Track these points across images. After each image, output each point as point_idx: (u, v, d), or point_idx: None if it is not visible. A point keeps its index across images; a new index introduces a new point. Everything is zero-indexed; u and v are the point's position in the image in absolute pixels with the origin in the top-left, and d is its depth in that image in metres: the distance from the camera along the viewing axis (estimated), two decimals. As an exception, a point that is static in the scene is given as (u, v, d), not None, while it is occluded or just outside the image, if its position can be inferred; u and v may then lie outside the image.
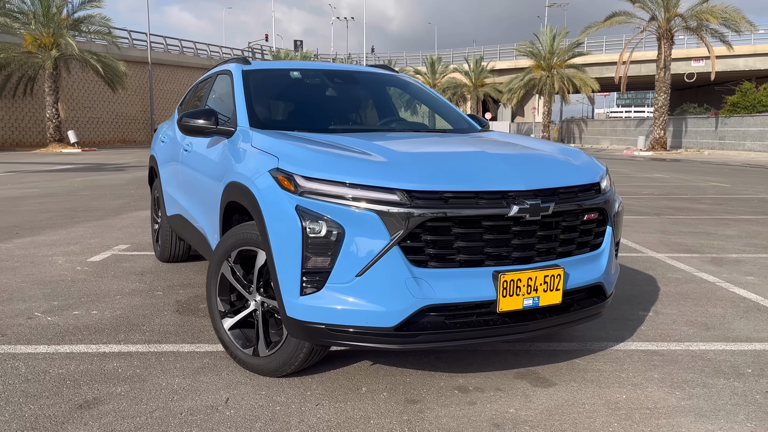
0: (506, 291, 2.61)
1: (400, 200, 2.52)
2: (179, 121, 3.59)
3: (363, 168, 2.64)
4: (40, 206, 9.29)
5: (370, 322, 2.55)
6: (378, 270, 2.52)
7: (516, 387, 2.97)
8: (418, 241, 2.55)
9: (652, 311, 4.20)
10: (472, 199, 2.60)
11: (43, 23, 29.35)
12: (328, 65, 4.56)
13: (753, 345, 3.56)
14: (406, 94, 4.56)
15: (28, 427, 2.52)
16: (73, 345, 3.45)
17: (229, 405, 2.74)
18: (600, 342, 3.59)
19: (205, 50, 48.64)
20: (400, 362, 3.23)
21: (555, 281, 2.71)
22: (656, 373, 3.15)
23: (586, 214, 2.89)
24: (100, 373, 3.06)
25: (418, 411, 2.70)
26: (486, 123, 4.47)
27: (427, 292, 2.54)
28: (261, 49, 58.27)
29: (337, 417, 2.64)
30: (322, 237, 2.55)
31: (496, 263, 2.65)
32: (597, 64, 50.97)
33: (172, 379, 3.01)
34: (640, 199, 10.92)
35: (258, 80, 3.97)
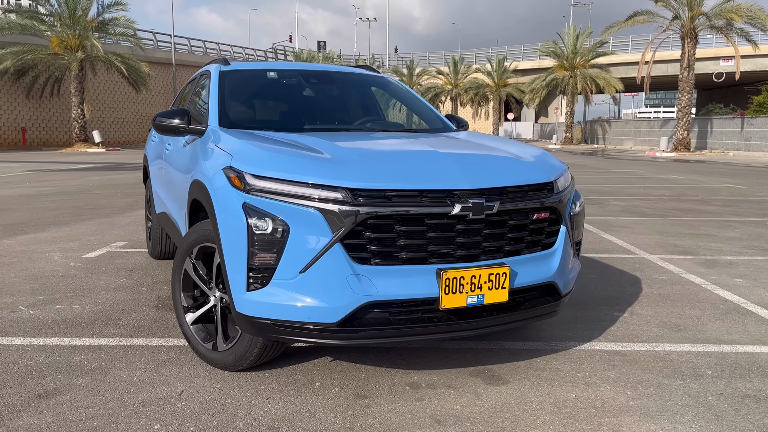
0: (449, 288, 2.64)
1: (343, 198, 2.56)
2: (153, 121, 3.69)
3: (310, 166, 2.70)
4: (51, 204, 9.53)
5: (313, 318, 2.60)
6: (320, 267, 2.57)
7: (468, 384, 2.99)
8: (361, 238, 2.59)
9: (627, 312, 4.18)
10: (416, 197, 2.64)
11: (69, 25, 29.99)
12: (307, 65, 4.63)
13: (720, 347, 3.53)
14: (387, 94, 4.60)
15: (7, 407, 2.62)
16: (47, 338, 3.56)
17: (182, 397, 2.81)
18: (565, 342, 3.59)
19: (229, 51, 49.17)
20: (360, 359, 3.28)
21: (501, 279, 2.73)
22: (613, 373, 3.14)
23: (536, 213, 2.90)
24: (66, 365, 3.16)
25: (365, 406, 2.75)
26: (465, 123, 4.49)
27: (369, 289, 2.58)
28: (284, 50, 58.72)
29: (283, 411, 2.69)
30: (267, 234, 2.61)
31: (440, 261, 2.69)
32: (622, 64, 50.37)
33: (133, 371, 3.10)
34: (647, 201, 10.80)
35: (234, 81, 4.05)
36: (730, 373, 3.16)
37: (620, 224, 8.03)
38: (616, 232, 7.37)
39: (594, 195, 11.63)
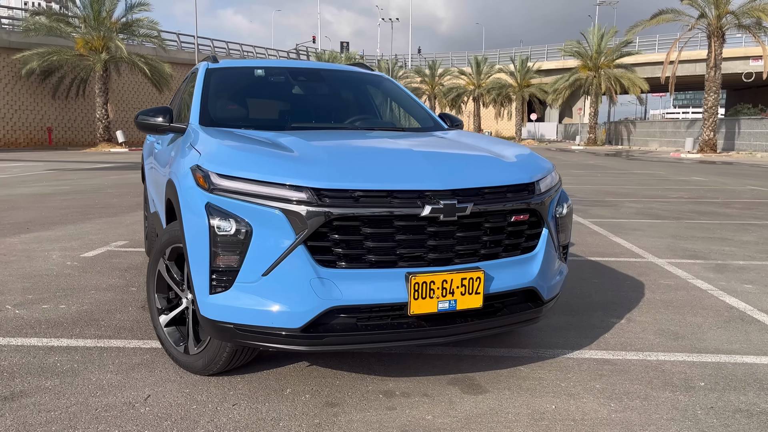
0: (418, 293, 2.53)
1: (307, 199, 2.47)
2: (135, 119, 3.63)
3: (276, 166, 2.60)
4: (63, 203, 9.61)
5: (276, 323, 2.51)
6: (283, 270, 2.48)
7: (444, 393, 2.87)
8: (326, 240, 2.49)
9: (624, 319, 4.02)
10: (384, 198, 2.53)
11: (93, 27, 30.42)
12: (296, 63, 4.54)
13: (718, 357, 3.36)
14: (379, 92, 4.50)
15: (-53, 416, 2.58)
16: (26, 338, 3.52)
17: (148, 402, 2.74)
18: (554, 349, 3.45)
19: (251, 52, 49.47)
20: (337, 364, 3.18)
21: (474, 284, 2.61)
22: (599, 384, 3.00)
23: (514, 215, 2.77)
24: (38, 367, 3.12)
25: (333, 415, 2.65)
26: (459, 122, 4.37)
27: (334, 294, 2.48)
28: (306, 51, 58.92)
29: (247, 418, 2.61)
30: (230, 235, 2.52)
31: (410, 264, 2.57)
32: (648, 64, 49.57)
33: (104, 374, 3.04)
34: (665, 203, 10.52)
35: (219, 78, 3.98)
36: (725, 385, 3.00)
37: (632, 227, 7.82)
38: (626, 235, 7.16)
39: (610, 197, 11.38)
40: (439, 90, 57.23)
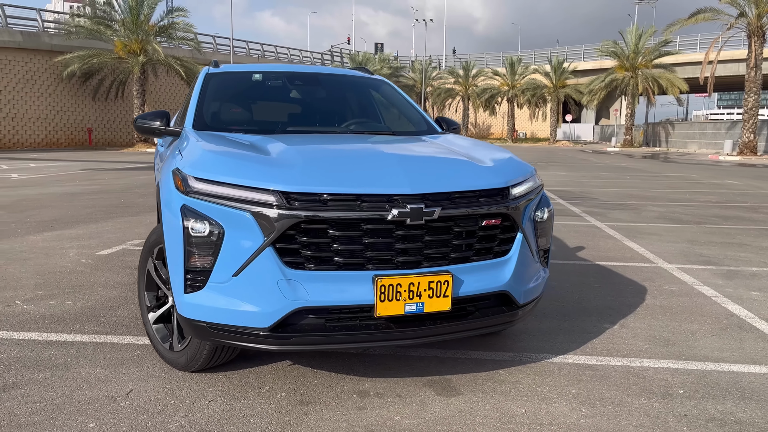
0: (384, 296, 2.57)
1: (276, 202, 2.53)
2: (134, 122, 3.76)
3: (249, 170, 2.68)
4: (90, 202, 9.91)
5: (246, 322, 2.58)
6: (252, 271, 2.55)
7: (418, 394, 2.91)
8: (294, 242, 2.56)
9: (618, 324, 3.98)
10: (352, 201, 2.58)
11: (132, 30, 31.20)
12: (296, 67, 4.62)
13: (705, 365, 3.31)
14: (378, 96, 4.54)
15: (-60, 405, 2.73)
16: (28, 332, 3.68)
17: (129, 396, 2.85)
18: (538, 353, 3.45)
19: (286, 54, 50.02)
20: (319, 364, 3.24)
21: (442, 287, 2.64)
22: (575, 389, 2.99)
23: (485, 219, 2.79)
24: (34, 360, 3.26)
25: (304, 413, 2.71)
26: (456, 126, 4.39)
27: (301, 295, 2.54)
28: (340, 53, 59.29)
29: (221, 414, 2.69)
30: (204, 236, 2.61)
31: (377, 267, 2.62)
32: (689, 64, 48.48)
33: (93, 369, 3.16)
34: (689, 207, 10.31)
35: (217, 83, 4.09)
36: (704, 393, 2.96)
37: (649, 231, 7.69)
38: (640, 240, 7.06)
39: (633, 200, 11.20)
40: (472, 91, 56.94)
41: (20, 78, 31.45)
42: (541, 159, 27.09)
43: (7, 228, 7.33)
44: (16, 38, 30.75)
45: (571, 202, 10.72)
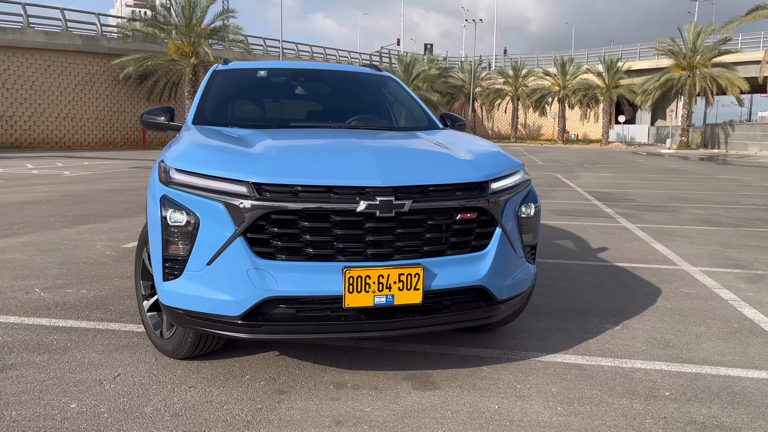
0: (353, 287, 2.59)
1: (247, 192, 2.59)
2: (141, 117, 3.89)
3: (225, 161, 2.74)
4: (129, 198, 10.26)
5: (218, 310, 2.64)
6: (224, 260, 2.61)
7: (394, 387, 2.91)
8: (264, 233, 2.60)
9: (620, 325, 3.88)
10: (323, 193, 2.61)
11: (184, 33, 32.11)
12: (302, 64, 4.68)
13: (700, 368, 3.20)
14: (383, 92, 4.56)
15: (-60, 382, 2.89)
16: (38, 318, 3.85)
17: (116, 380, 2.95)
18: (528, 351, 3.40)
19: (334, 55, 50.49)
20: (304, 356, 3.28)
21: (413, 280, 2.64)
22: (557, 387, 2.94)
23: (460, 213, 2.77)
24: (36, 344, 3.41)
25: (277, 401, 2.75)
26: (460, 122, 4.36)
27: (270, 284, 2.59)
28: (389, 53, 59.47)
29: (197, 400, 2.75)
30: (181, 226, 2.68)
31: (348, 259, 2.64)
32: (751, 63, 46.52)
33: (89, 353, 3.29)
34: (732, 210, 9.92)
35: (223, 80, 4.19)
36: (691, 396, 2.86)
37: (681, 233, 7.45)
38: (669, 242, 6.84)
39: (674, 202, 10.85)
40: (522, 91, 56.19)
41: (79, 80, 32.79)
42: (587, 160, 26.53)
43: (46, 221, 7.67)
44: (76, 41, 32.08)
45: (606, 204, 10.47)
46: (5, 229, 7.03)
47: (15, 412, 2.60)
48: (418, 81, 52.34)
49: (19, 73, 30.28)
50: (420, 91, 52.58)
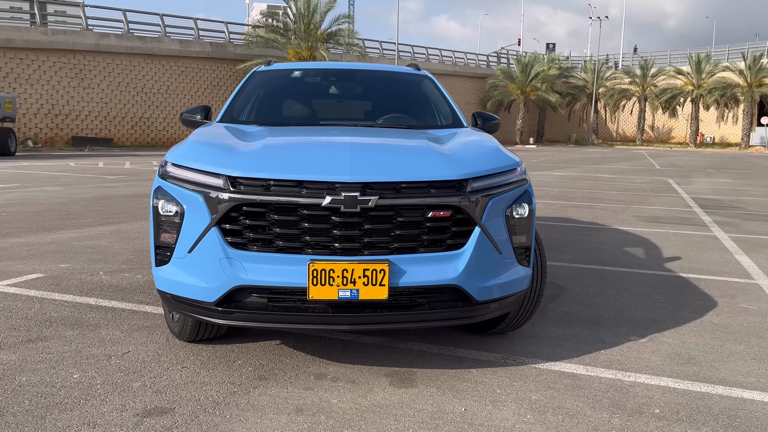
0: (317, 280, 2.64)
1: (222, 185, 2.72)
2: (180, 116, 4.18)
3: (210, 156, 2.90)
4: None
5: (197, 296, 2.80)
6: (201, 249, 2.77)
7: (371, 382, 2.93)
8: (237, 224, 2.73)
9: (647, 338, 3.63)
10: (294, 187, 2.69)
11: (302, 38, 33.53)
12: (339, 65, 4.77)
13: (713, 388, 2.94)
14: (417, 91, 4.55)
15: (-19, 347, 3.28)
16: (87, 297, 4.24)
17: (123, 357, 3.20)
18: (527, 357, 3.28)
19: (450, 56, 50.45)
20: (302, 347, 3.38)
21: (378, 276, 2.65)
22: (538, 395, 2.82)
23: (432, 210, 2.73)
24: (74, 320, 3.77)
25: (253, 387, 2.87)
26: (492, 120, 4.25)
27: (240, 273, 2.70)
28: (507, 54, 58.45)
29: (183, 380, 2.93)
30: (170, 216, 2.87)
31: (316, 252, 2.70)
32: None
33: (114, 331, 3.58)
34: None
35: (258, 80, 4.39)
36: (683, 416, 2.64)
37: (777, 245, 6.76)
38: (757, 254, 6.24)
39: (789, 211, 9.83)
40: (650, 91, 53.09)
41: (208, 84, 35.19)
42: (713, 165, 24.64)
43: (134, 211, 8.36)
44: (206, 48, 34.48)
45: (708, 211, 9.70)
46: (105, 218, 7.75)
47: (25, 378, 2.91)
48: (536, 81, 51.07)
49: (156, 78, 33.03)
50: (538, 92, 51.27)
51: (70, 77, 29.84)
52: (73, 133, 29.84)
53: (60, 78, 29.52)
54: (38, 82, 28.81)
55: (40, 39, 28.64)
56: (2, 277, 4.70)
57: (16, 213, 8.03)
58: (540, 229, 7.55)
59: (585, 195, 12.01)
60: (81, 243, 6.11)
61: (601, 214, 9.14)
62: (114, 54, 31.04)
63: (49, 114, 29.33)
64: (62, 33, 29.83)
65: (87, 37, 30.21)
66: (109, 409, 2.62)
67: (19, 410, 2.59)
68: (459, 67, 50.85)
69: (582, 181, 15.49)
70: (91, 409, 2.62)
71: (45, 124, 29.26)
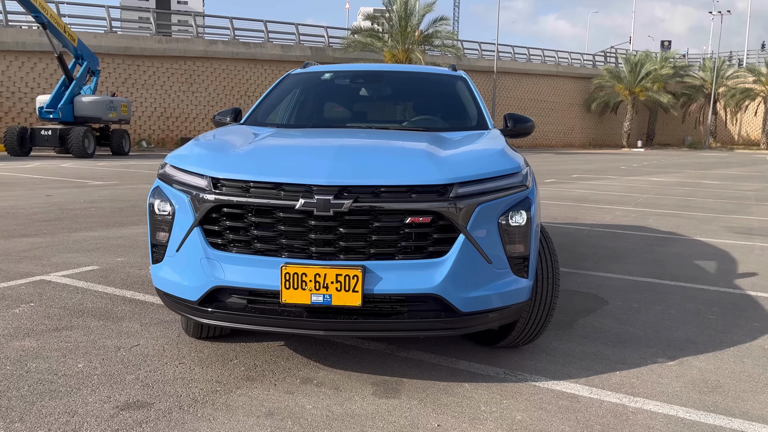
0: (290, 283, 2.61)
1: (205, 186, 2.76)
2: (213, 118, 4.30)
3: (203, 158, 2.95)
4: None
5: (182, 294, 2.85)
6: (186, 248, 2.81)
7: (354, 390, 2.86)
8: (218, 225, 2.75)
9: (676, 361, 3.31)
10: (272, 189, 2.67)
11: (398, 41, 33.76)
12: (369, 66, 4.71)
13: (729, 421, 2.62)
14: (448, 92, 4.42)
15: (21, 334, 3.51)
16: (125, 290, 4.46)
17: (131, 350, 3.33)
18: (532, 374, 3.08)
19: (553, 57, 48.93)
20: (302, 349, 3.36)
21: (351, 282, 2.57)
22: (523, 416, 2.64)
23: (411, 216, 2.62)
24: (103, 311, 3.96)
25: (237, 387, 2.88)
26: (524, 122, 4.02)
27: (218, 274, 2.72)
28: (615, 52, 55.89)
29: (173, 376, 2.99)
30: (164, 215, 2.95)
31: (292, 255, 2.66)
32: None
33: (133, 324, 3.73)
34: None
35: (289, 82, 4.43)
36: (680, 451, 2.37)
37: None
38: None
39: None
40: (775, 91, 48.91)
41: (308, 87, 36.24)
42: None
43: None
44: (306, 53, 35.51)
45: (812, 222, 8.76)
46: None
47: (34, 365, 3.09)
48: (646, 81, 48.49)
49: (259, 82, 34.42)
50: (649, 93, 48.65)
51: (181, 82, 31.76)
52: (182, 134, 31.72)
53: (172, 83, 31.48)
54: (153, 86, 30.89)
55: (155, 47, 30.69)
56: (62, 268, 5.05)
57: (102, 209, 8.62)
58: (607, 237, 7.15)
59: (675, 203, 11.22)
60: (146, 239, 6.45)
61: (684, 224, 8.49)
62: (220, 59, 32.70)
63: (161, 116, 31.36)
64: (175, 41, 31.83)
65: (197, 44, 32.03)
66: (95, 400, 2.72)
67: (16, 395, 2.75)
68: (562, 68, 49.21)
69: (679, 188, 14.50)
70: (78, 398, 2.73)
71: (158, 125, 31.31)
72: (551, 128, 49.52)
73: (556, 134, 50.14)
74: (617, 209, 9.93)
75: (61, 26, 21.25)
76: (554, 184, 14.42)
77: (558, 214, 9.14)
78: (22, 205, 8.72)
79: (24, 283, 4.58)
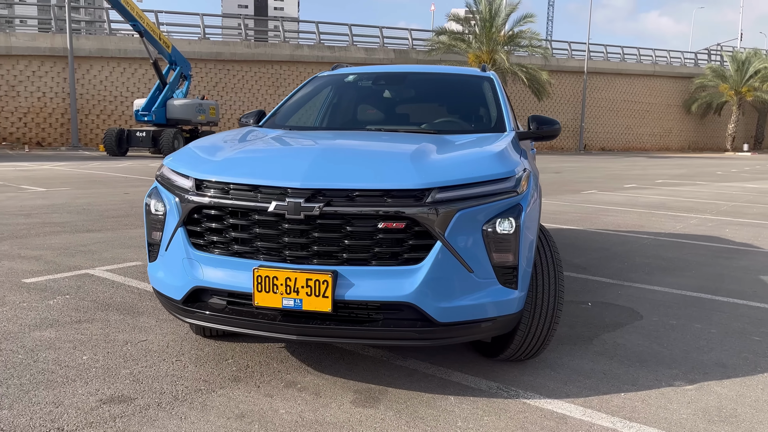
0: (261, 286, 2.59)
1: (188, 187, 2.79)
2: (239, 120, 4.38)
3: (194, 160, 2.98)
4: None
5: (168, 293, 2.90)
6: (172, 247, 2.86)
7: (333, 397, 2.81)
8: (199, 226, 2.77)
9: (695, 385, 3.03)
10: (250, 192, 2.66)
11: (482, 42, 33.28)
12: (398, 68, 4.61)
13: (729, 457, 2.36)
14: (473, 93, 4.26)
15: (45, 324, 3.71)
16: (152, 285, 4.61)
17: (137, 345, 3.43)
18: (526, 391, 2.91)
19: (650, 56, 46.60)
20: (299, 353, 3.34)
21: (321, 287, 2.52)
22: (499, 436, 2.49)
23: (383, 221, 2.52)
24: (127, 306, 4.12)
25: (220, 387, 2.90)
26: (548, 123, 3.81)
27: (197, 274, 2.74)
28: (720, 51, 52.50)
29: (166, 372, 3.05)
30: (158, 215, 3.01)
31: (267, 258, 2.65)
32: None
33: (149, 319, 3.85)
34: None
35: (313, 85, 4.42)
36: (659, 486, 2.15)
37: None
38: None
39: None
40: None
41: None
42: None
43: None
44: (389, 55, 35.72)
45: None
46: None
47: (44, 355, 3.24)
48: (754, 80, 45.26)
49: (343, 85, 34.96)
50: (757, 92, 45.39)
51: (267, 85, 32.83)
52: (269, 136, 32.76)
53: (259, 86, 32.61)
54: (241, 90, 32.12)
55: (244, 51, 31.91)
56: (106, 263, 5.30)
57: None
58: (668, 248, 6.69)
59: (764, 212, 10.36)
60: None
61: (765, 235, 7.82)
62: (305, 63, 33.51)
63: (249, 119, 32.53)
64: (263, 45, 32.96)
65: (283, 49, 33.00)
66: (83, 392, 2.81)
67: (15, 383, 2.89)
68: (660, 67, 46.77)
69: (774, 195, 13.39)
70: (69, 390, 2.84)
71: (246, 127, 32.51)
72: (646, 131, 47.24)
73: (651, 137, 47.76)
74: (693, 217, 9.29)
75: (156, 34, 22.51)
76: (632, 190, 13.71)
77: (625, 221, 8.67)
78: (98, 202, 9.27)
79: (69, 276, 4.84)
